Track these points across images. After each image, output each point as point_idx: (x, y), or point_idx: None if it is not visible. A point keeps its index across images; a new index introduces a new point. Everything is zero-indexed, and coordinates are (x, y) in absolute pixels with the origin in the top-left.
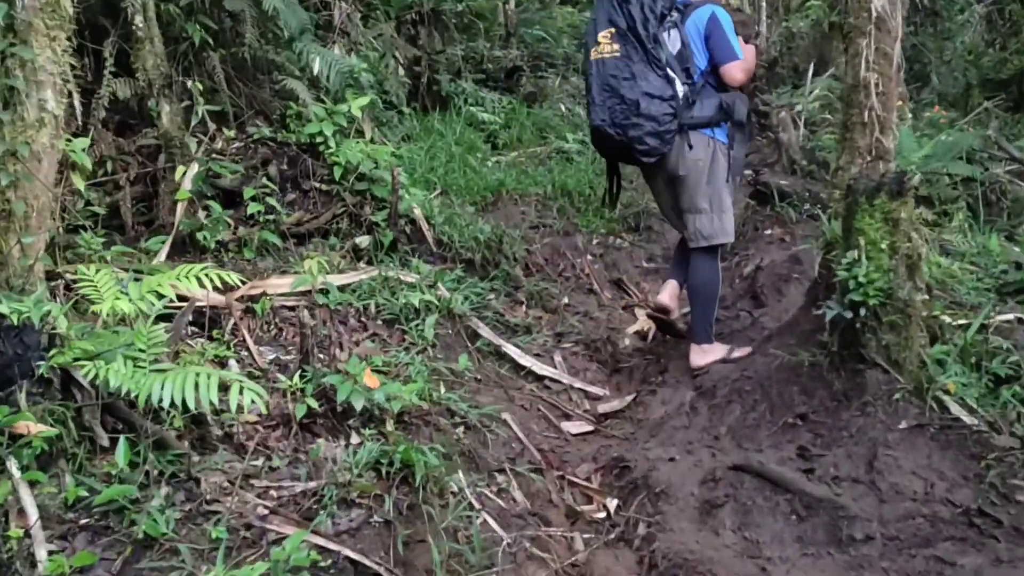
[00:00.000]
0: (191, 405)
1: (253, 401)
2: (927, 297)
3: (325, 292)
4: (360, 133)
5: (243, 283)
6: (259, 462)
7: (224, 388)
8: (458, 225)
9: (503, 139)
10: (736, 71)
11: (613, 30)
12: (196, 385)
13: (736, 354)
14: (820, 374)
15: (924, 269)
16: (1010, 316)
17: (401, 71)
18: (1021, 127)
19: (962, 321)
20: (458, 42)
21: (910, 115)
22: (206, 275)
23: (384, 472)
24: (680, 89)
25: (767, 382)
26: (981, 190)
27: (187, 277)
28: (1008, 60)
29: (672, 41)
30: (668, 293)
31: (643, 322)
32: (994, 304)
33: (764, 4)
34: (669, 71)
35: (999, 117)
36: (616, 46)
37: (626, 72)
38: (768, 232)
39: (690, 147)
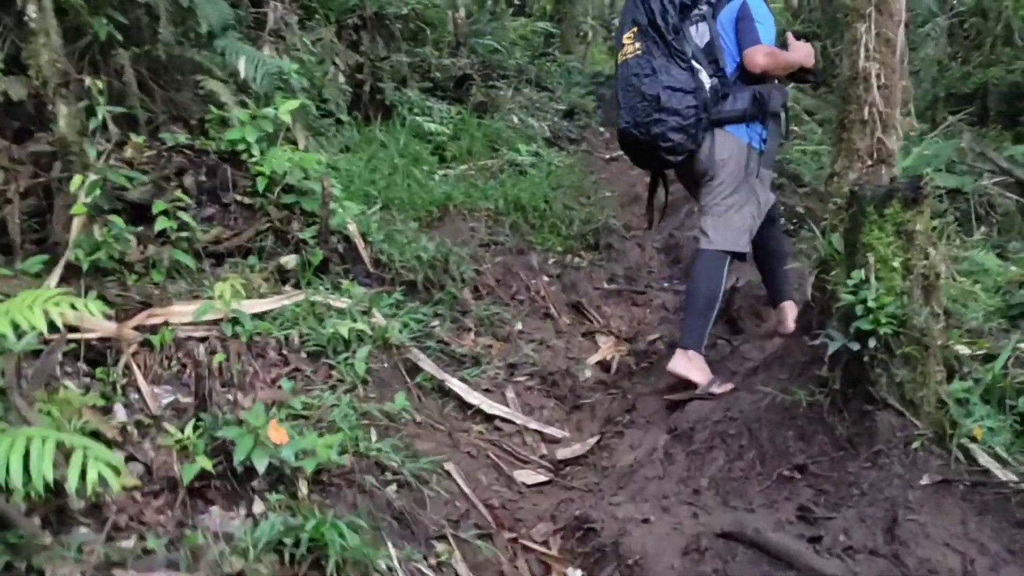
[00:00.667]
0: (16, 480)
1: (102, 477)
2: (945, 325)
3: (239, 321)
4: (293, 143)
5: (138, 308)
6: (130, 542)
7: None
8: (399, 243)
9: (451, 151)
10: (756, 55)
11: (636, 29)
12: (27, 453)
13: (716, 389)
14: (820, 416)
15: (943, 291)
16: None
17: (342, 78)
18: (989, 140)
19: (976, 350)
20: (404, 49)
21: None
22: (55, 304)
23: (289, 555)
24: (707, 81)
25: (755, 425)
26: (969, 203)
27: (31, 308)
28: (971, 74)
29: (700, 34)
30: (789, 315)
31: (606, 350)
32: (1005, 330)
33: None
34: (694, 63)
35: (966, 131)
36: (638, 44)
37: (647, 68)
38: None
39: (717, 145)
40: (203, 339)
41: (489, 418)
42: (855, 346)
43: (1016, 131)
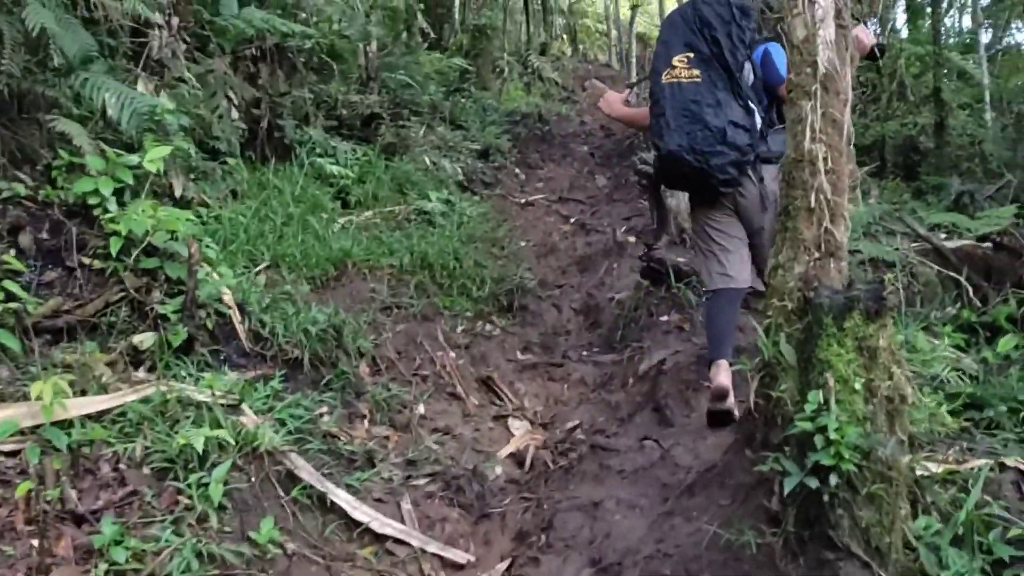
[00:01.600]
0: None
1: None
2: (911, 455)
3: (66, 427)
4: (167, 193)
5: None
6: None
7: None
8: (284, 313)
9: (356, 195)
10: None
11: (692, 55)
12: None
13: None
14: (771, 561)
15: (907, 414)
16: (985, 461)
17: (236, 114)
18: (889, 191)
19: (934, 467)
20: (308, 83)
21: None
22: None
23: None
24: (758, 121)
25: (694, 566)
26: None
27: None
28: (869, 127)
29: (747, 73)
30: (724, 372)
31: (519, 440)
32: (955, 437)
33: (634, 59)
34: (749, 101)
35: (866, 182)
36: (696, 71)
37: (710, 99)
38: (664, 319)
39: (760, 180)
40: (15, 453)
41: (380, 538)
42: (813, 483)
43: (915, 185)
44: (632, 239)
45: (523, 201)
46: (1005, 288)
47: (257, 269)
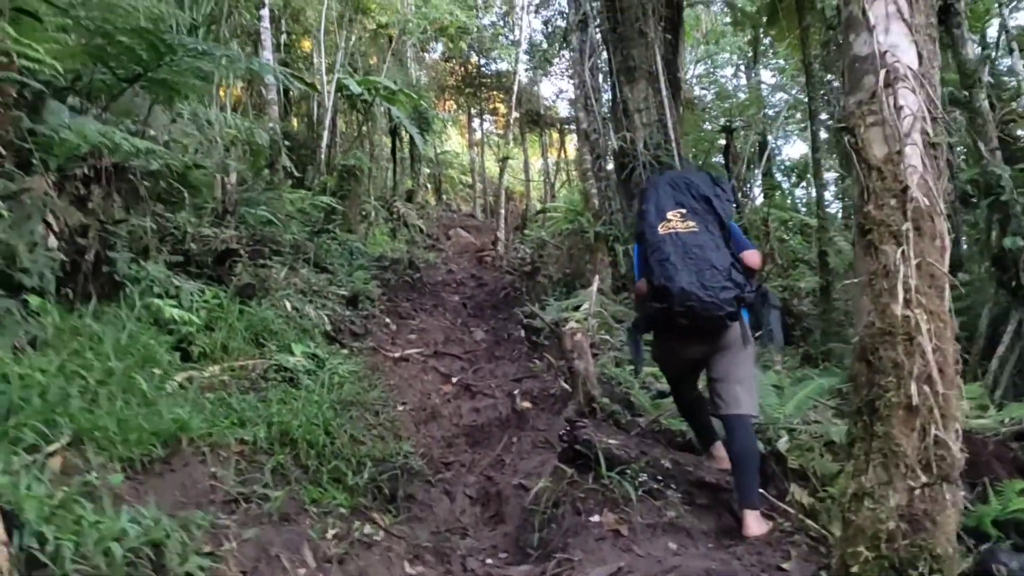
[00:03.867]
0: None
1: None
2: None
3: None
4: None
5: None
6: None
7: None
8: (79, 521)
9: (201, 346)
10: (756, 256)
11: (684, 210)
12: None
13: None
14: None
15: None
16: None
17: (54, 242)
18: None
19: None
20: (151, 212)
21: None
22: None
23: None
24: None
25: None
26: None
27: None
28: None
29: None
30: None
31: None
32: None
33: (503, 212)
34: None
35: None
36: (691, 223)
37: (711, 244)
38: (596, 520)
39: (740, 322)
40: None
41: None
42: None
43: (805, 350)
44: (528, 405)
45: (397, 355)
46: None
47: (50, 450)
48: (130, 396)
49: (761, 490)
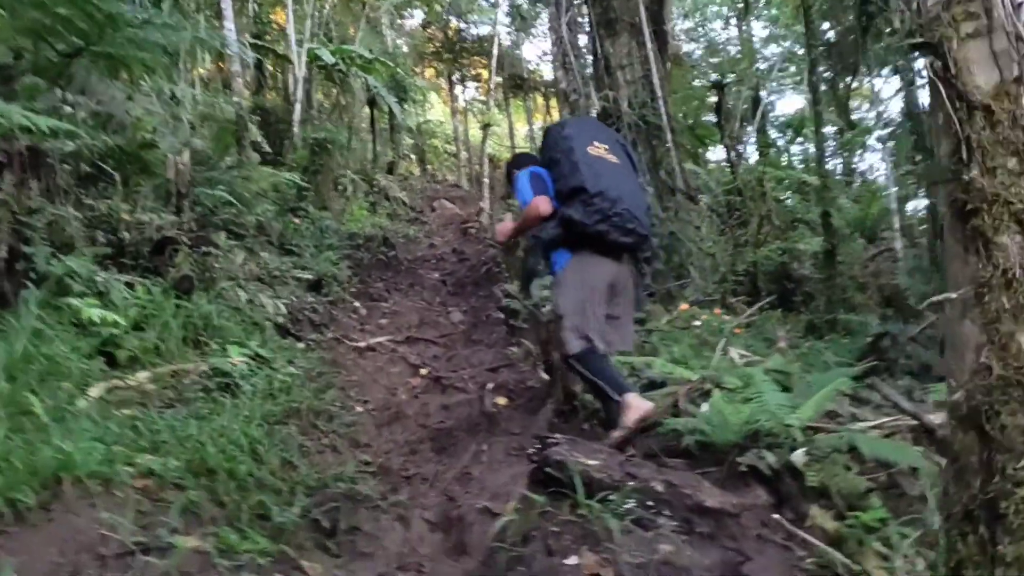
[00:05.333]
0: None
1: None
2: None
3: None
4: None
5: None
6: None
7: None
8: None
9: (129, 350)
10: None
11: (607, 145)
12: None
13: None
14: None
15: None
16: None
17: None
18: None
19: None
20: (77, 200)
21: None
22: None
23: None
24: None
25: None
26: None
27: None
28: (741, 251)
29: None
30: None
31: None
32: None
33: (487, 181)
34: None
35: (739, 311)
36: (614, 157)
37: (632, 176)
38: (572, 562)
39: None
40: None
41: None
42: None
43: (800, 317)
44: (503, 401)
45: (363, 345)
46: None
47: None
48: (23, 421)
49: (776, 515)
